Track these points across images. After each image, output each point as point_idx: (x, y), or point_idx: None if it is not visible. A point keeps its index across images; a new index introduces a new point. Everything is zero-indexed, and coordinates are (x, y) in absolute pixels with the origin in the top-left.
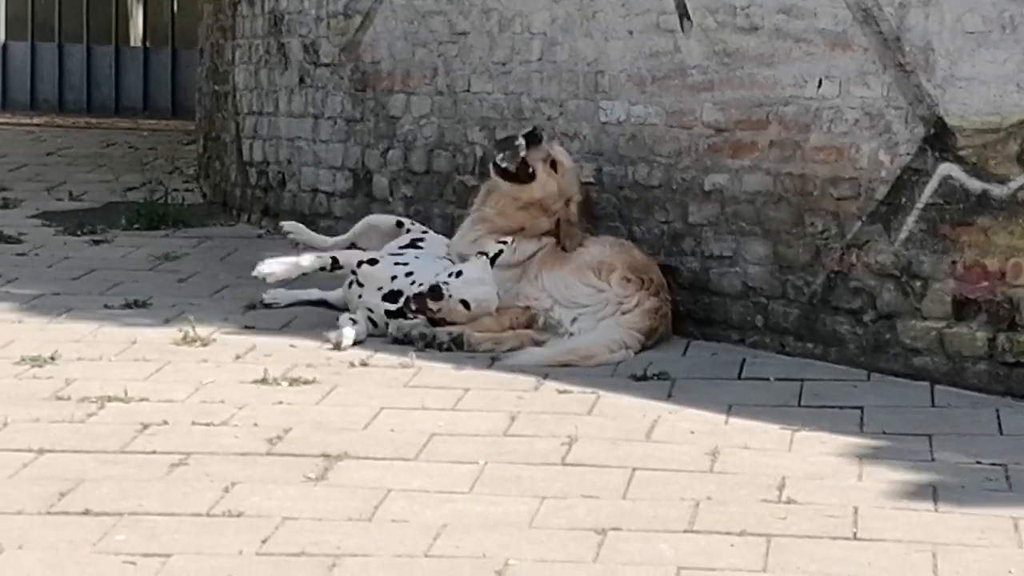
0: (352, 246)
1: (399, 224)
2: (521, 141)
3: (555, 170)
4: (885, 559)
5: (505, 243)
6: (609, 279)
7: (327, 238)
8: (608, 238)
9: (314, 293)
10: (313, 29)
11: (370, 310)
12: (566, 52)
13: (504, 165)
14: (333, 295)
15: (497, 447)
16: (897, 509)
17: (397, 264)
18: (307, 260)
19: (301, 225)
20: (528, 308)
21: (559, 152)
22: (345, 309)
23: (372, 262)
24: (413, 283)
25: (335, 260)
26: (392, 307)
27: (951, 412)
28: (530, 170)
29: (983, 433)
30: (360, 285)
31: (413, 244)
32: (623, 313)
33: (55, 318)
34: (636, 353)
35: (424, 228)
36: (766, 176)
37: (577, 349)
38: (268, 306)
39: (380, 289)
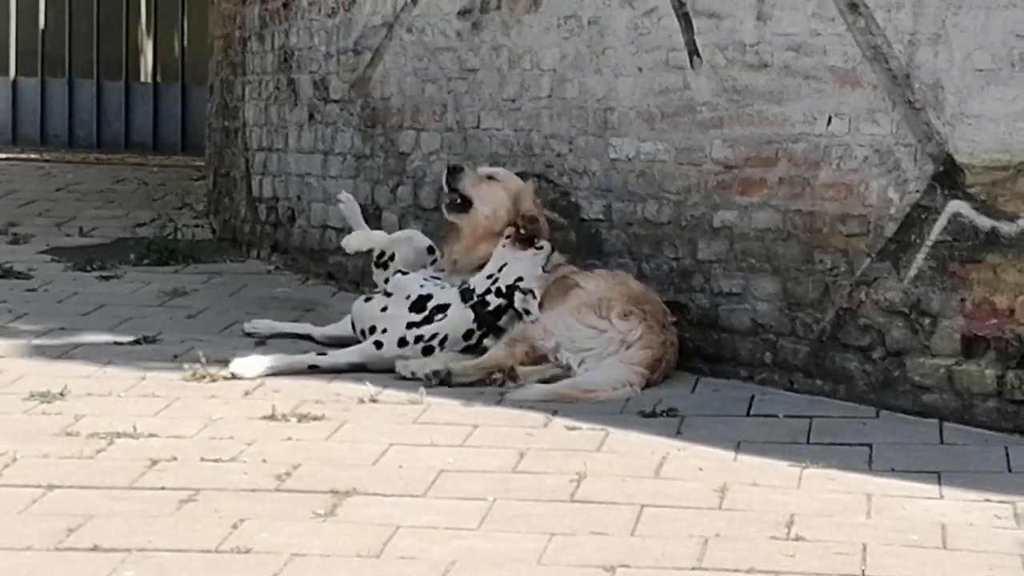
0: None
1: (430, 250)
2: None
3: (493, 179)
4: None
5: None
6: (610, 316)
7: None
8: (601, 271)
9: (301, 327)
10: (323, 65)
11: (384, 331)
12: (576, 89)
13: (446, 203)
14: (320, 331)
15: (506, 484)
16: (906, 547)
17: (427, 279)
18: (379, 236)
19: (356, 207)
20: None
21: (490, 171)
22: (330, 345)
23: (404, 273)
24: (444, 287)
25: (392, 256)
26: (416, 318)
27: (960, 449)
28: (463, 198)
29: (992, 470)
30: (388, 295)
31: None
32: (626, 348)
33: (64, 354)
34: (642, 388)
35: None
36: (775, 213)
37: (579, 385)
38: (250, 335)
39: (408, 297)
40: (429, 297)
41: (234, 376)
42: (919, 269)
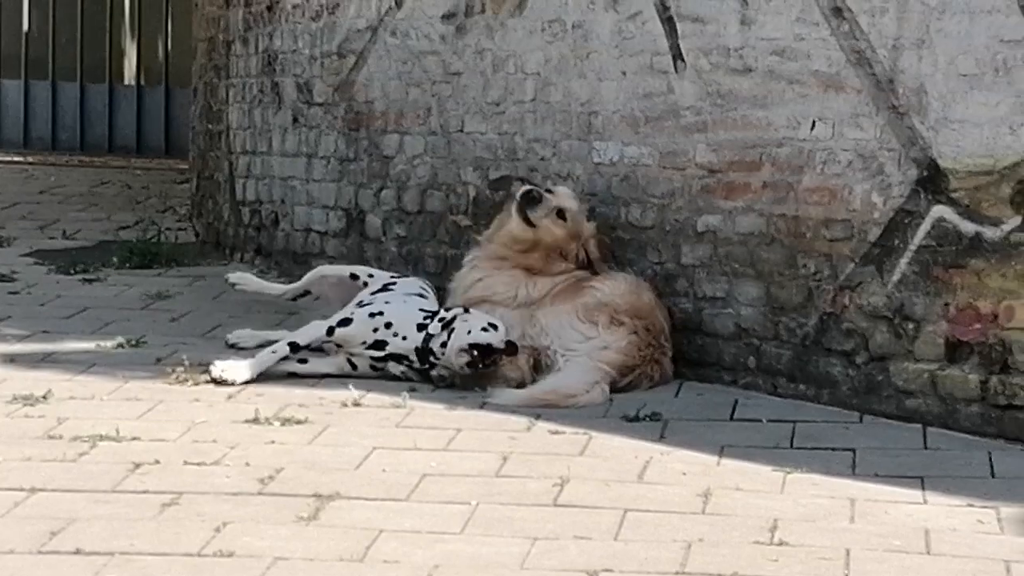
0: (306, 293)
1: (353, 277)
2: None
3: (563, 219)
4: None
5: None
6: (598, 322)
7: (277, 286)
8: (623, 275)
9: (283, 335)
10: (307, 69)
11: (351, 353)
12: (560, 92)
13: (522, 205)
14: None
15: (489, 488)
16: (889, 551)
17: (372, 316)
18: (279, 348)
19: (248, 275)
20: (534, 349)
21: (564, 199)
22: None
23: (344, 323)
24: (396, 335)
25: (294, 345)
26: (380, 354)
27: (943, 454)
28: (531, 222)
29: (975, 475)
30: (339, 346)
31: (384, 288)
32: (601, 350)
33: (47, 357)
34: (609, 387)
35: (392, 275)
36: (759, 217)
37: (557, 388)
38: (233, 347)
39: (364, 343)
40: (385, 343)
41: (216, 382)
42: (903, 274)
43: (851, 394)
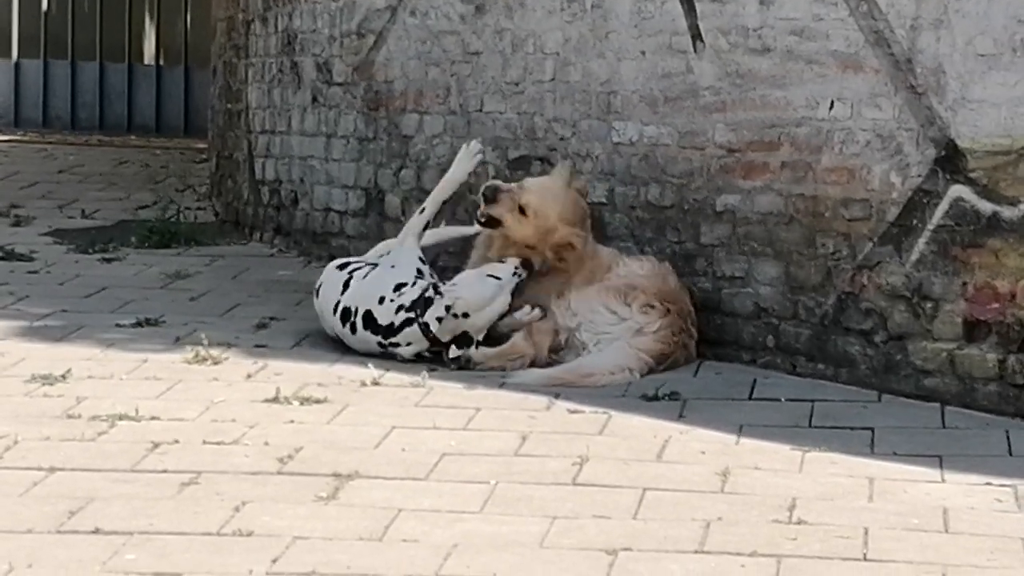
0: None
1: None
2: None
3: (524, 214)
4: None
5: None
6: (632, 305)
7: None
8: (649, 258)
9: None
10: (326, 48)
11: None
12: (579, 72)
13: (481, 219)
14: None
15: (508, 467)
16: (907, 530)
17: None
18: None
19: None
20: (556, 332)
21: (528, 193)
22: None
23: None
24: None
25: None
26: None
27: (961, 433)
28: (495, 218)
29: (993, 454)
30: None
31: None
32: (638, 336)
33: (66, 336)
34: (643, 376)
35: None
36: (778, 197)
37: (578, 368)
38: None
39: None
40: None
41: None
42: (921, 253)
43: (869, 373)
